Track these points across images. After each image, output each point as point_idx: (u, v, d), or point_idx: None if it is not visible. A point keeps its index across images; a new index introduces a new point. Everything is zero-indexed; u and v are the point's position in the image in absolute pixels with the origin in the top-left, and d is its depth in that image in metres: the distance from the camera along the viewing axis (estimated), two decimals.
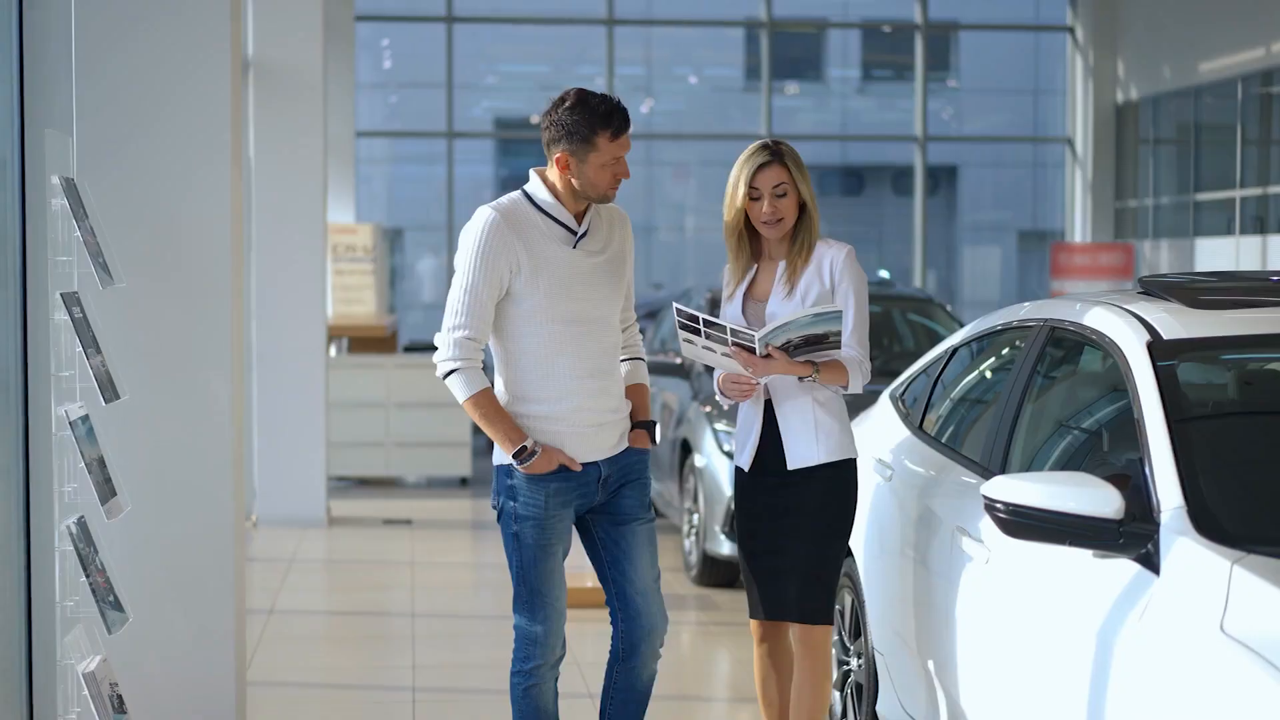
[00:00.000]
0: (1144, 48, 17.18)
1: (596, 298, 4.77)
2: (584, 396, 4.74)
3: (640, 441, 4.93)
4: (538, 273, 4.67)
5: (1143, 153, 17.62)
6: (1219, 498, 3.76)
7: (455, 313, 4.70)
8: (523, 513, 4.75)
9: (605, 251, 4.81)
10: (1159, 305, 4.45)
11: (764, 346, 4.76)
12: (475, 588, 9.59)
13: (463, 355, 4.69)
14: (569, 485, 4.77)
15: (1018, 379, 4.83)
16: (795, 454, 4.93)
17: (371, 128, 20.17)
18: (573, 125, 4.66)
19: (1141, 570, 3.71)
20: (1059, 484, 3.84)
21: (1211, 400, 4.32)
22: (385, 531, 11.11)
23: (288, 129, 10.95)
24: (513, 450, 4.69)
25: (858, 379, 4.89)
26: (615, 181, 4.72)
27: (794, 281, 4.93)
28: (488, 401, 4.70)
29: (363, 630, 8.33)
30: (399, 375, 13.17)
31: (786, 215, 4.93)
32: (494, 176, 22.43)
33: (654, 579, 4.90)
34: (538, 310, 4.69)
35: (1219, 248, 15.83)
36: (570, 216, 4.76)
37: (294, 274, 11.02)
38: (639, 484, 4.93)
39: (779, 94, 20.83)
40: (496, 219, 4.67)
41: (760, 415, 4.99)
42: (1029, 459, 4.64)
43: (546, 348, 4.71)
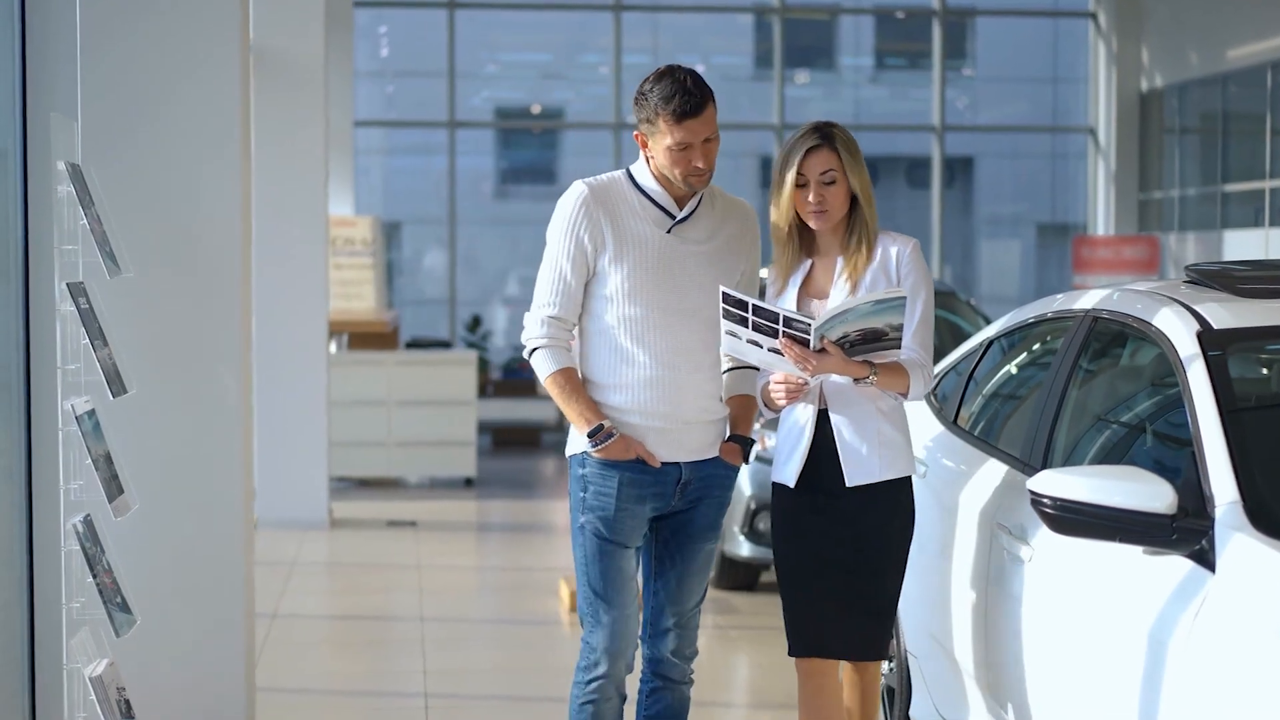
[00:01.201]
0: (1169, 33, 17.15)
1: (691, 288, 4.59)
2: (667, 389, 4.57)
3: (731, 456, 4.70)
4: (623, 252, 4.55)
5: (1168, 142, 17.59)
6: (1276, 492, 3.74)
7: (543, 290, 4.63)
8: (591, 503, 4.60)
9: (710, 241, 4.63)
10: (1207, 294, 4.44)
11: (819, 339, 4.38)
12: (483, 591, 9.58)
13: (548, 334, 4.61)
14: (645, 479, 4.60)
15: (1059, 371, 4.82)
16: (854, 469, 4.56)
17: (369, 117, 20.15)
18: (644, 101, 4.54)
19: (1195, 567, 3.69)
20: (1108, 478, 3.82)
21: (1261, 391, 4.30)
22: (389, 534, 11.12)
23: (288, 119, 10.95)
24: (588, 429, 4.56)
25: (919, 384, 4.53)
26: (690, 169, 4.53)
27: (857, 278, 4.60)
28: (567, 380, 4.59)
29: (369, 635, 8.33)
30: (401, 373, 13.17)
31: (833, 207, 4.60)
32: (495, 168, 22.40)
33: (696, 603, 4.75)
34: (620, 292, 4.56)
35: (1248, 240, 15.81)
36: (670, 199, 4.61)
37: (294, 268, 11.02)
38: (718, 501, 4.72)
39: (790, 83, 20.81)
40: (585, 193, 4.58)
41: (811, 424, 4.61)
42: (1072, 453, 4.62)
43: (629, 332, 4.57)
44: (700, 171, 4.54)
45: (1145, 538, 3.77)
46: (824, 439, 4.60)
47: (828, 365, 4.42)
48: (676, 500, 4.65)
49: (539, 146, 23.11)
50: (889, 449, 4.58)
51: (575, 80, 21.82)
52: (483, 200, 20.77)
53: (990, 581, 4.66)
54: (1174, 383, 4.17)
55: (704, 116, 4.50)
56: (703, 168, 4.54)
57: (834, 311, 4.34)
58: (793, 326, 4.38)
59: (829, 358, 4.41)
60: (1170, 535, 3.74)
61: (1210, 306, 4.30)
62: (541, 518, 12.02)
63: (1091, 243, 17.53)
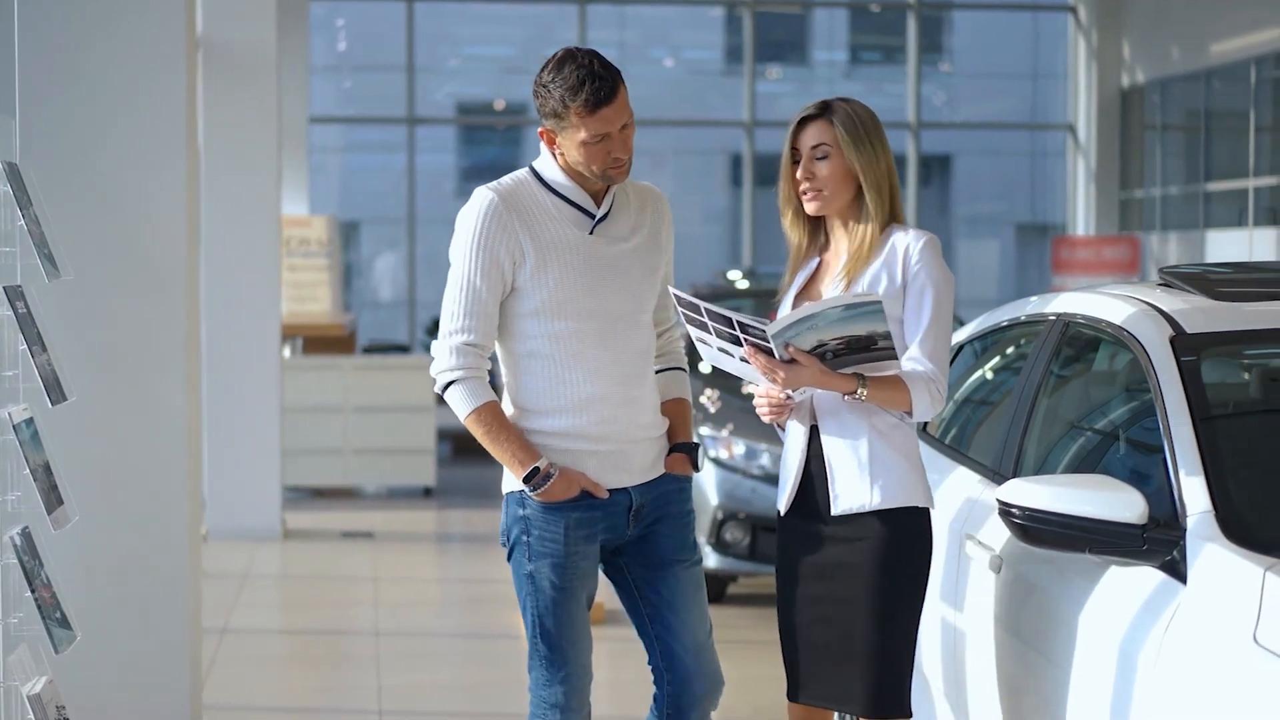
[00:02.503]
0: (1151, 28, 17.23)
1: (621, 292, 4.27)
2: (607, 408, 4.25)
3: (679, 467, 4.40)
4: (546, 262, 4.20)
5: (1149, 140, 17.66)
6: (1249, 501, 3.77)
7: (452, 315, 4.24)
8: (538, 549, 4.26)
9: (633, 237, 4.32)
10: (1180, 297, 4.46)
11: (783, 347, 4.00)
12: (442, 604, 9.58)
13: (464, 364, 4.23)
14: (594, 515, 4.27)
15: (1030, 377, 4.84)
16: (841, 495, 4.16)
17: (325, 113, 20.12)
18: (546, 94, 4.20)
19: (1166, 579, 3.71)
20: (1078, 487, 3.84)
21: (1236, 398, 4.33)
22: (344, 545, 11.09)
23: (239, 114, 10.92)
24: (524, 473, 4.22)
25: (924, 401, 4.07)
26: (610, 162, 4.21)
27: (855, 275, 4.16)
28: (493, 416, 4.23)
29: (323, 650, 8.31)
30: (358, 378, 13.15)
31: (827, 185, 4.20)
32: (456, 166, 22.39)
33: (706, 633, 4.39)
34: (548, 306, 4.21)
35: (1231, 240, 15.89)
36: (586, 197, 4.28)
37: (245, 269, 10.99)
38: (679, 519, 4.39)
39: (761, 78, 20.84)
40: (493, 201, 4.21)
41: (803, 443, 4.23)
42: (1043, 461, 4.64)
43: (560, 350, 4.24)
44: (621, 163, 4.22)
45: (1115, 548, 3.79)
46: (815, 461, 4.22)
47: (800, 377, 4.04)
48: (632, 529, 4.34)
49: (502, 143, 23.12)
50: (886, 473, 4.12)
51: None
52: (444, 199, 20.74)
53: (959, 593, 4.68)
54: (1147, 388, 4.19)
55: (618, 102, 4.18)
56: (623, 158, 4.22)
57: (795, 318, 3.97)
58: (750, 332, 4.03)
59: (801, 369, 4.03)
60: (1141, 546, 3.76)
61: (1184, 310, 4.32)
62: None
63: (1071, 243, 17.60)
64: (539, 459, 4.22)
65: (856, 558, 4.15)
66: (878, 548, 4.13)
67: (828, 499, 4.18)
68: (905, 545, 4.15)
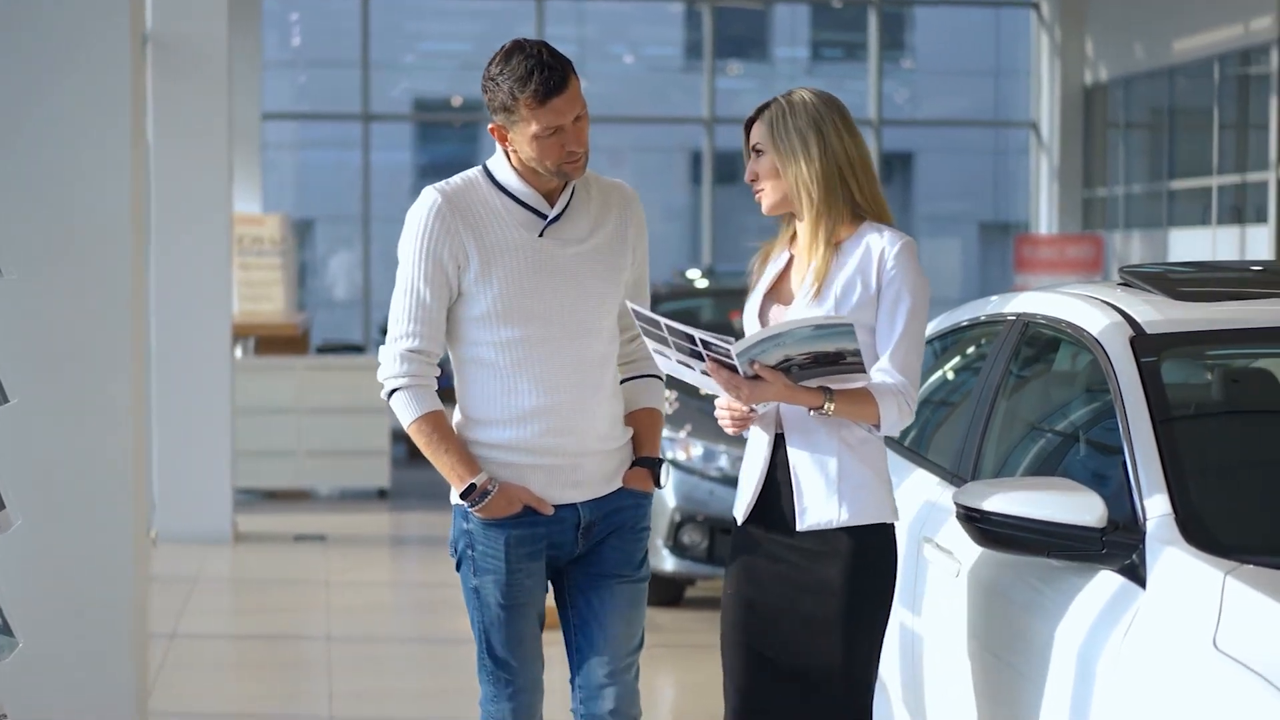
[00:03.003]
0: (1114, 25, 17.29)
1: (573, 296, 4.13)
2: (556, 419, 4.12)
3: (639, 482, 4.26)
4: (490, 266, 4.08)
5: (1113, 138, 17.73)
6: (1209, 504, 3.76)
7: (398, 320, 4.14)
8: (482, 565, 4.16)
9: (590, 239, 4.17)
10: (1140, 297, 4.46)
11: (747, 364, 3.86)
12: (395, 609, 9.56)
13: (407, 372, 4.12)
14: (536, 533, 4.15)
15: (989, 378, 4.83)
16: (807, 510, 3.99)
17: (278, 109, 20.04)
18: (495, 88, 4.07)
19: (1126, 583, 3.71)
20: (1037, 490, 3.84)
21: (1197, 399, 4.33)
22: (296, 548, 11.05)
23: (189, 110, 10.88)
24: (462, 487, 4.11)
25: (893, 414, 3.93)
26: (564, 156, 4.07)
27: (824, 280, 4.00)
28: (435, 426, 4.12)
29: (274, 656, 8.26)
30: (311, 378, 13.13)
31: (764, 184, 4.10)
32: (413, 163, 22.33)
33: (628, 652, 4.25)
34: (492, 312, 4.09)
35: (1194, 239, 15.95)
36: (539, 197, 4.14)
37: (196, 268, 10.94)
38: (631, 534, 4.26)
39: (721, 74, 20.85)
40: (438, 202, 4.09)
41: (766, 451, 4.07)
42: (1003, 464, 4.64)
43: (506, 358, 4.12)
44: (576, 157, 4.08)
45: (1074, 552, 3.79)
46: (779, 470, 4.05)
47: (765, 393, 3.89)
48: (580, 546, 4.22)
49: (459, 140, 23.06)
50: (854, 489, 3.97)
51: None
52: (399, 197, 20.69)
53: (916, 597, 4.67)
54: (1107, 389, 4.19)
55: (569, 92, 4.04)
56: (578, 151, 4.08)
57: (761, 336, 3.83)
58: (713, 350, 3.88)
59: (765, 385, 3.87)
60: (1100, 549, 3.76)
61: (1144, 310, 4.32)
62: None
63: (1034, 242, 17.65)
64: (478, 474, 4.11)
65: (823, 574, 3.98)
66: (846, 565, 3.97)
67: (792, 511, 4.00)
68: (873, 562, 4.00)
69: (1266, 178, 14.71)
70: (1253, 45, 14.97)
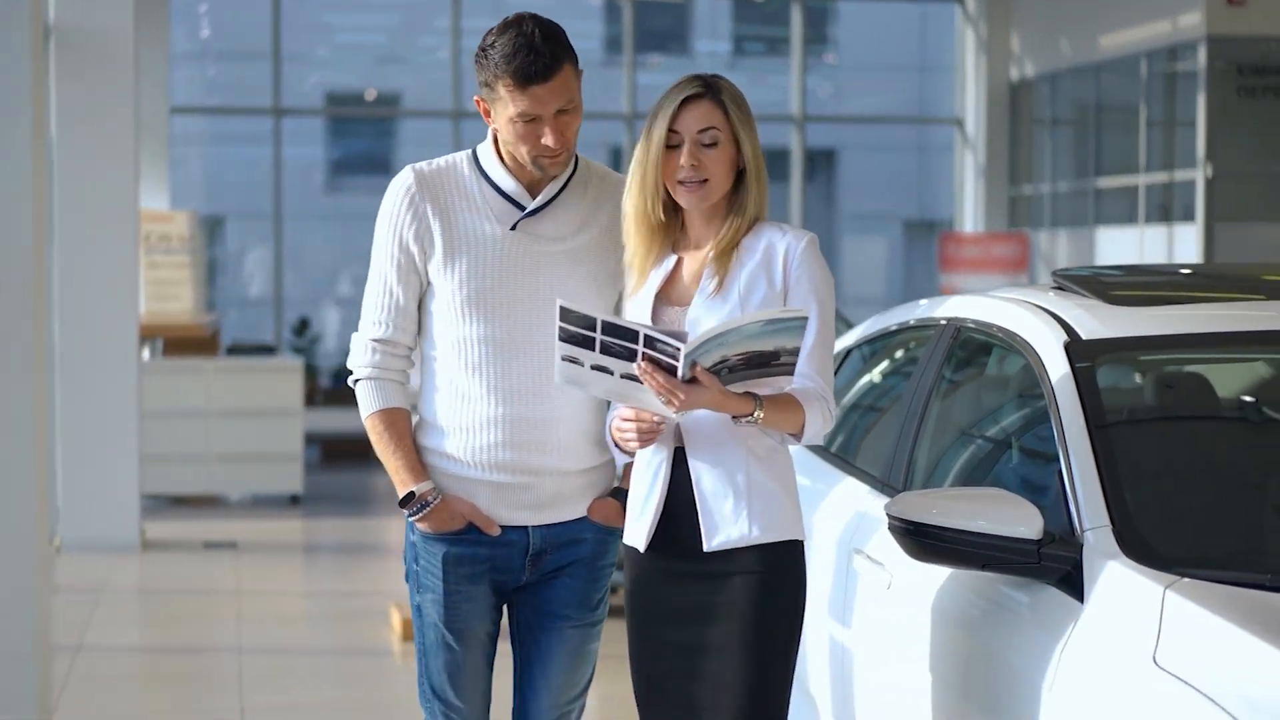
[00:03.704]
0: (1041, 21, 17.36)
1: (545, 299, 3.85)
2: (511, 432, 3.89)
3: (605, 515, 4.01)
4: (453, 256, 3.89)
5: (1039, 135, 17.80)
6: (1147, 516, 3.74)
7: (370, 307, 3.99)
8: (424, 581, 3.96)
9: (574, 238, 3.95)
10: (1073, 301, 4.44)
11: (689, 366, 3.60)
12: (309, 619, 9.46)
13: (372, 363, 3.97)
14: (478, 553, 3.93)
15: (920, 384, 4.81)
16: (715, 528, 3.78)
17: (187, 103, 19.88)
18: (485, 60, 3.86)
19: (1063, 597, 3.68)
20: (971, 501, 3.80)
21: (1133, 407, 4.32)
22: (207, 556, 10.96)
23: (94, 104, 10.75)
24: (401, 494, 3.93)
25: (816, 422, 3.76)
26: (539, 149, 3.85)
27: (726, 278, 3.81)
28: (387, 425, 3.94)
29: (183, 668, 8.17)
30: (221, 380, 13.02)
31: (714, 176, 3.81)
32: (325, 158, 22.20)
33: (570, 698, 4.06)
34: (452, 306, 3.90)
35: (1122, 238, 16.04)
36: (520, 188, 3.93)
37: (102, 267, 10.83)
38: (590, 573, 4.01)
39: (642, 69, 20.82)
40: (410, 182, 3.92)
41: (665, 469, 3.83)
42: (934, 472, 4.61)
43: (462, 359, 3.91)
44: (552, 152, 3.85)
45: (1010, 565, 3.75)
46: (681, 488, 3.82)
47: (700, 399, 3.62)
48: (528, 574, 3.98)
49: (373, 135, 22.93)
50: (763, 504, 3.78)
51: (412, 64, 21.67)
52: (312, 193, 20.56)
53: (848, 609, 4.64)
54: (1041, 396, 4.16)
55: (556, 82, 3.81)
56: (554, 147, 3.84)
57: (714, 333, 3.58)
58: (656, 348, 3.59)
59: (702, 390, 3.61)
60: (1036, 562, 3.72)
61: (1079, 315, 4.30)
62: (374, 538, 11.90)
63: (959, 240, 17.71)
64: (420, 482, 3.91)
65: (730, 597, 3.78)
66: (754, 586, 3.77)
67: (696, 533, 3.79)
68: (783, 582, 3.81)
69: (1194, 176, 14.80)
70: (1180, 42, 15.05)
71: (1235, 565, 3.69)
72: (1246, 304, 4.57)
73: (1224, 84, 14.73)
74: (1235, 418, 4.44)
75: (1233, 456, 4.16)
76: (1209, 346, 4.37)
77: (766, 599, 3.80)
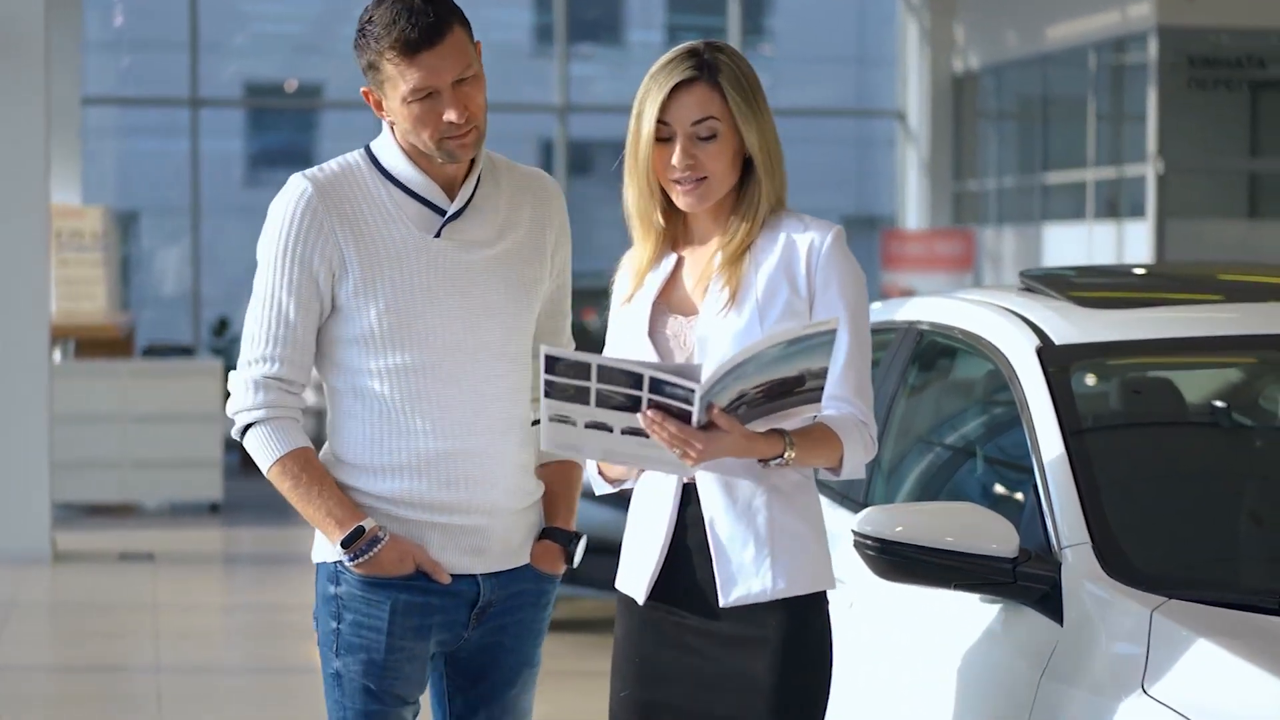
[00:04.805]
0: (986, 11, 17.36)
1: (479, 314, 3.49)
2: (458, 467, 3.48)
3: (548, 561, 3.61)
4: (374, 275, 3.45)
5: (984, 128, 17.81)
6: (1129, 532, 3.64)
7: (255, 339, 3.49)
8: (351, 639, 3.48)
9: (501, 241, 3.53)
10: (1043, 304, 4.34)
11: (706, 409, 3.11)
12: (230, 634, 9.39)
13: (266, 402, 3.48)
14: (429, 603, 3.49)
15: (881, 392, 4.70)
16: (732, 581, 3.32)
17: (100, 94, 19.67)
18: (363, 41, 3.44)
19: (1041, 618, 3.58)
20: (942, 516, 3.69)
21: (1111, 416, 4.22)
22: (122, 568, 10.89)
23: (2, 94, 10.68)
24: (342, 534, 3.44)
25: (857, 453, 3.30)
26: (443, 128, 3.41)
27: (739, 283, 3.34)
28: (302, 466, 3.48)
29: (98, 689, 8.07)
30: (136, 384, 13.00)
31: (713, 172, 3.34)
32: (244, 151, 22.06)
33: None
34: (378, 333, 3.45)
35: (1069, 235, 16.06)
36: (435, 188, 3.50)
37: (11, 265, 10.77)
38: (529, 627, 3.62)
39: (574, 59, 20.72)
40: (308, 193, 3.46)
41: (672, 507, 3.37)
42: (898, 487, 4.51)
43: (396, 391, 3.46)
44: (459, 130, 3.41)
45: (984, 584, 3.64)
46: (690, 530, 3.36)
47: (720, 446, 3.14)
48: (471, 630, 3.56)
49: (294, 128, 22.79)
50: (789, 550, 3.33)
51: (333, 54, 21.46)
52: (230, 187, 20.41)
53: None
54: (1013, 404, 4.06)
55: (447, 45, 3.39)
56: (459, 122, 3.40)
57: (731, 365, 3.09)
58: (664, 392, 3.09)
59: (722, 436, 3.12)
60: (1012, 581, 3.61)
61: (1051, 319, 4.19)
62: (297, 548, 11.75)
63: (901, 237, 17.68)
64: (364, 518, 3.45)
65: (746, 666, 3.33)
66: (776, 654, 3.31)
67: (710, 584, 3.33)
68: (809, 646, 3.36)
69: (1144, 171, 14.81)
70: (1129, 33, 15.07)
71: (1224, 584, 3.62)
72: (1213, 307, 4.50)
73: (1175, 76, 14.76)
74: (1214, 425, 4.37)
75: (1215, 466, 4.09)
76: (1185, 351, 4.29)
77: (790, 670, 3.34)
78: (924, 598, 3.92)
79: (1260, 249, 14.90)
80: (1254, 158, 15.58)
